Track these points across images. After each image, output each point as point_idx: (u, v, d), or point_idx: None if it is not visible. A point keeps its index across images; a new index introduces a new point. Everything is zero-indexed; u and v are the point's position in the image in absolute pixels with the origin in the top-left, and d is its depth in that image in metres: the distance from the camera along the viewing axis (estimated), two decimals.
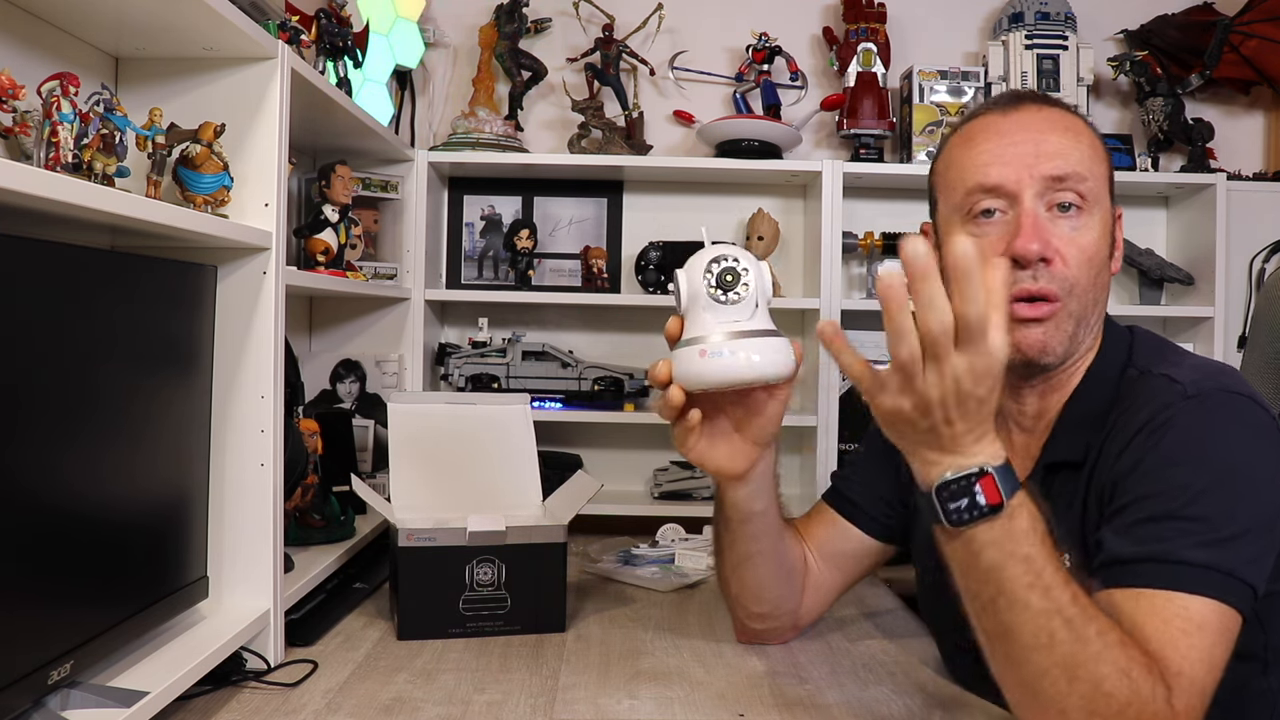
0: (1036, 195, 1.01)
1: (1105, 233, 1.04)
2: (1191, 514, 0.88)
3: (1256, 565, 0.87)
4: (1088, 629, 0.81)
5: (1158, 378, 0.98)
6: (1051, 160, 1.01)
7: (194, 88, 1.23)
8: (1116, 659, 0.80)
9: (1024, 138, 1.02)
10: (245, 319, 1.22)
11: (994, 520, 0.81)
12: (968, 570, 0.84)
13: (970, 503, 0.81)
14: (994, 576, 0.82)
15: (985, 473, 0.81)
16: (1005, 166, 1.01)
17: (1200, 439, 0.92)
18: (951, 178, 1.07)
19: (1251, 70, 2.28)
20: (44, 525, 0.89)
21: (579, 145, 2.20)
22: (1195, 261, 2.23)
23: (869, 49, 2.22)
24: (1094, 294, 1.03)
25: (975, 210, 1.03)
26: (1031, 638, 0.81)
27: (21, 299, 0.84)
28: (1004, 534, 0.81)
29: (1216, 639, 0.84)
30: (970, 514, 0.81)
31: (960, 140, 1.08)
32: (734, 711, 1.09)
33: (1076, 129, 1.04)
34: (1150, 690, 0.80)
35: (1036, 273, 1.00)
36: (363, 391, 2.06)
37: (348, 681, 1.17)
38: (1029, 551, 0.81)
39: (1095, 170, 1.03)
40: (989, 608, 0.83)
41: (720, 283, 0.95)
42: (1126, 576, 0.88)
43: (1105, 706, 0.80)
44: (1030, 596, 0.81)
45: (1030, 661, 0.82)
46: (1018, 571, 0.81)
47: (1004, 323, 0.77)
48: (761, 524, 1.16)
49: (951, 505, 0.82)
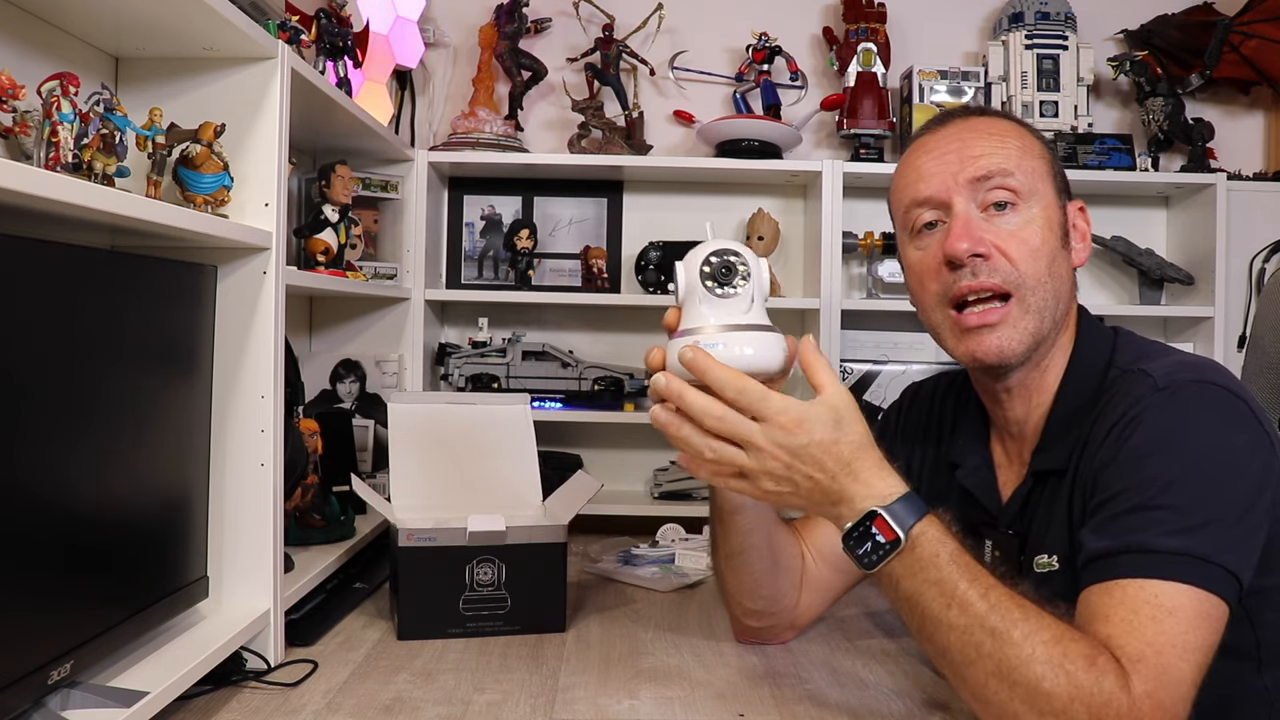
0: (967, 199, 1.05)
1: (1050, 224, 1.05)
2: (1162, 503, 0.89)
3: (1236, 553, 0.87)
4: (1012, 633, 0.84)
5: (1134, 374, 0.99)
6: (975, 162, 1.05)
7: (194, 88, 1.23)
8: (1050, 657, 0.82)
9: (950, 148, 1.07)
10: (245, 319, 1.22)
11: (899, 554, 0.89)
12: (896, 603, 0.92)
13: (872, 544, 0.90)
14: (915, 603, 0.89)
15: (875, 515, 0.90)
16: (933, 178, 1.07)
17: (1169, 430, 0.93)
18: (895, 199, 1.14)
19: (1251, 70, 2.28)
20: (44, 525, 0.89)
21: (579, 145, 2.20)
22: (1195, 261, 2.23)
23: (869, 49, 2.22)
24: (1051, 285, 1.04)
25: (917, 225, 1.09)
26: (961, 653, 0.86)
27: (21, 299, 0.84)
28: (912, 563, 0.89)
29: (1191, 625, 0.84)
30: (876, 555, 0.90)
31: (901, 164, 1.15)
32: (734, 711, 1.09)
33: (1002, 130, 1.08)
34: (1094, 682, 0.80)
35: (976, 269, 1.03)
36: (363, 391, 2.06)
37: (348, 681, 1.17)
38: (940, 575, 0.88)
39: (1025, 165, 1.05)
40: (921, 633, 0.90)
41: (717, 276, 0.96)
42: (1103, 570, 0.89)
43: (1049, 705, 0.81)
44: (949, 615, 0.87)
45: (970, 676, 0.86)
46: (932, 595, 0.88)
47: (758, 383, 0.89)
48: (753, 517, 1.16)
49: (859, 551, 0.91)
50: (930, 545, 0.88)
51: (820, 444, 0.89)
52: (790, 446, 0.89)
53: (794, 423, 0.89)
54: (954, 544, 0.89)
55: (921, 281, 1.08)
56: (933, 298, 1.07)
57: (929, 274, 1.07)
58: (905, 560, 0.89)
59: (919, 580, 0.88)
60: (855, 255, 2.29)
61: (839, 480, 0.90)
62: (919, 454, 1.24)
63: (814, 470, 0.90)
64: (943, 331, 1.08)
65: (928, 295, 1.08)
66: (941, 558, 0.88)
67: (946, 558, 0.88)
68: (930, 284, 1.07)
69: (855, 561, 0.91)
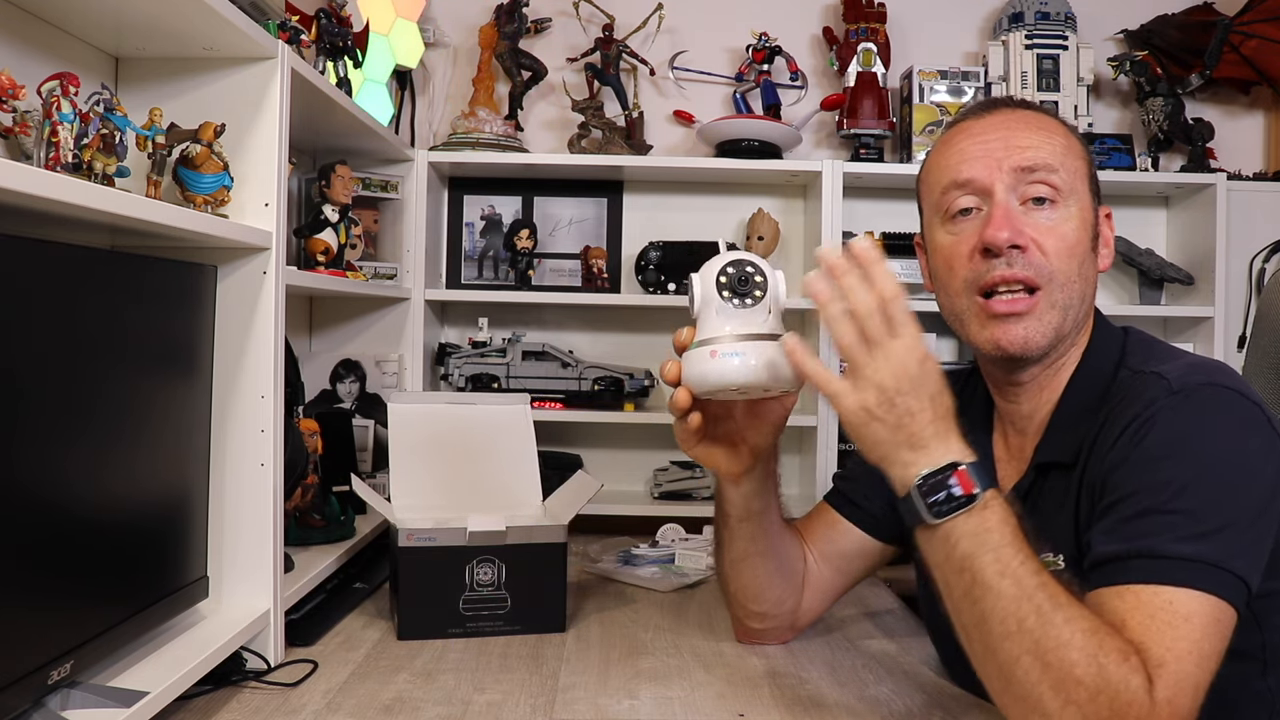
0: (1008, 188, 1.04)
1: (1084, 225, 1.05)
2: (1176, 508, 0.88)
3: (1247, 558, 0.87)
4: (1055, 615, 0.83)
5: (1148, 375, 0.98)
6: (1022, 153, 1.04)
7: (194, 88, 1.23)
8: (1086, 645, 0.82)
9: (995, 136, 1.06)
10: (245, 319, 1.22)
11: (969, 511, 0.87)
12: (945, 563, 0.89)
13: (947, 495, 0.88)
14: (969, 565, 0.87)
15: (957, 466, 0.88)
16: (976, 162, 1.05)
17: (1184, 433, 0.92)
18: (930, 180, 1.12)
19: (1251, 70, 2.28)
20: (44, 525, 0.89)
21: (579, 145, 2.20)
22: (1195, 261, 2.23)
23: (869, 49, 2.22)
24: (1079, 286, 1.04)
25: (953, 209, 1.07)
26: (1002, 624, 0.85)
27: (22, 299, 0.84)
28: (979, 525, 0.87)
29: (1205, 631, 0.84)
30: (948, 505, 0.88)
31: (938, 146, 1.13)
32: (734, 711, 1.09)
33: (1049, 127, 1.07)
34: (1124, 679, 0.80)
35: (1011, 260, 1.02)
36: (363, 391, 2.06)
37: (348, 681, 1.17)
38: (1000, 541, 0.86)
39: (1068, 164, 1.05)
40: (968, 597, 0.88)
41: (734, 287, 0.96)
42: (1114, 574, 0.88)
43: (1076, 693, 0.81)
44: (1001, 584, 0.85)
45: (1003, 649, 0.85)
46: (989, 560, 0.86)
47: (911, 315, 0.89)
48: (760, 523, 1.16)
49: (931, 499, 0.88)
50: (999, 511, 0.88)
51: (934, 387, 0.89)
52: (913, 376, 0.88)
53: (924, 356, 0.89)
54: (1016, 522, 0.88)
55: (950, 266, 1.07)
56: (960, 282, 1.06)
57: (959, 259, 1.05)
58: (973, 519, 0.87)
59: (979, 542, 0.86)
60: None
61: (933, 426, 0.89)
62: None
63: (918, 406, 0.88)
64: (966, 317, 1.07)
65: (955, 280, 1.06)
66: (1008, 527, 0.87)
67: (1011, 530, 0.87)
68: (960, 269, 1.05)
69: (922, 510, 0.88)
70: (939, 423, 0.89)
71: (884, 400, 0.89)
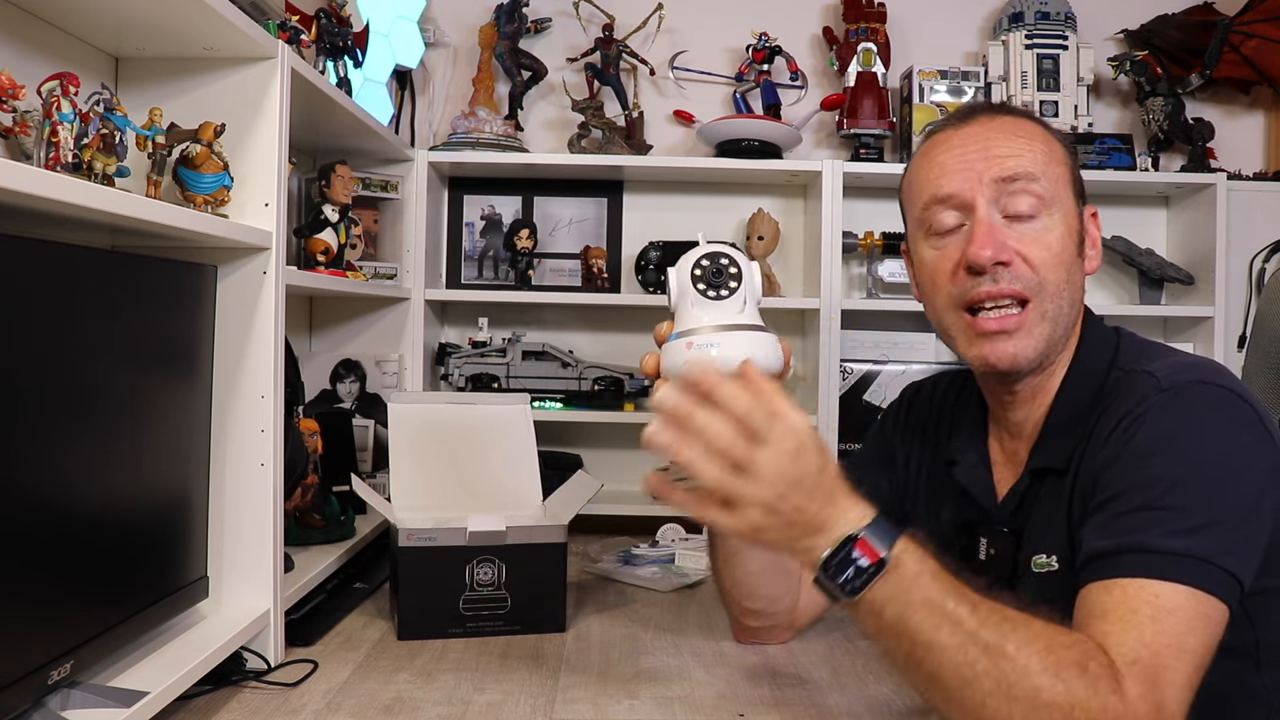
0: (990, 202, 1.02)
1: (1069, 231, 1.04)
2: (1167, 504, 0.88)
3: (1238, 554, 0.87)
4: (1006, 647, 0.81)
5: (1138, 374, 0.98)
6: (1002, 163, 1.02)
7: (194, 88, 1.23)
8: (1045, 666, 0.80)
9: (974, 146, 1.04)
10: (245, 319, 1.22)
11: (883, 577, 0.84)
12: (878, 633, 0.87)
13: (855, 570, 0.84)
14: (902, 629, 0.84)
15: (856, 537, 0.85)
16: (956, 175, 1.04)
17: (1173, 431, 0.92)
18: (911, 194, 1.11)
19: (1251, 70, 2.28)
20: (44, 525, 0.89)
21: (579, 145, 2.20)
22: (1195, 261, 2.22)
23: (869, 49, 2.22)
24: (1068, 293, 1.03)
25: (935, 226, 1.06)
26: (955, 674, 0.82)
27: (21, 299, 0.84)
28: (896, 586, 0.84)
29: (1190, 626, 0.83)
30: (859, 580, 0.84)
31: (918, 157, 1.11)
32: (734, 711, 1.09)
33: (1028, 132, 1.05)
34: (1087, 687, 0.80)
35: (997, 276, 1.01)
36: (363, 391, 2.06)
37: (348, 681, 1.17)
38: (926, 594, 0.84)
39: (1050, 171, 1.03)
40: (910, 661, 0.85)
41: (709, 279, 0.96)
42: (1103, 569, 0.88)
43: (1051, 716, 0.80)
44: (939, 636, 0.83)
45: (966, 698, 0.83)
46: (920, 616, 0.83)
47: (784, 400, 0.84)
48: None
49: (840, 579, 0.85)
50: (913, 563, 0.85)
51: (813, 472, 0.84)
52: (790, 476, 0.83)
53: (796, 450, 0.84)
54: (933, 561, 0.86)
55: (934, 282, 1.06)
56: (945, 298, 1.05)
57: (943, 276, 1.04)
58: (889, 582, 0.84)
59: (904, 602, 0.84)
60: (855, 255, 2.29)
61: (824, 509, 0.85)
62: (918, 453, 1.24)
63: (805, 501, 0.84)
64: (954, 334, 1.06)
65: (940, 295, 1.06)
66: (925, 575, 0.85)
67: (929, 575, 0.85)
68: (944, 285, 1.04)
69: (835, 592, 0.86)
70: (827, 498, 0.85)
71: (769, 510, 0.84)
